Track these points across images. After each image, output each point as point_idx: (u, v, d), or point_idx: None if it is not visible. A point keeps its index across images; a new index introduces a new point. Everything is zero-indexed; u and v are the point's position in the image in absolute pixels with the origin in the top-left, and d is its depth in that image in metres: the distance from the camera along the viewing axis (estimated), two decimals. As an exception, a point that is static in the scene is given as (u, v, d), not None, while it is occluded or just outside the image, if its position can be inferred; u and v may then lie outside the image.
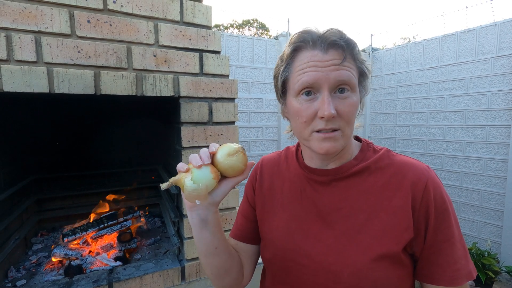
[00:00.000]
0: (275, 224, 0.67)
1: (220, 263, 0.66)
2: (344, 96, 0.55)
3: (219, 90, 1.34)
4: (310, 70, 0.54)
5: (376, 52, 3.94)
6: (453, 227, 0.55)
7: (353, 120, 0.56)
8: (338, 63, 0.53)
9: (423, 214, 0.55)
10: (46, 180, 1.82)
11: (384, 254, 0.54)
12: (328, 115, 0.52)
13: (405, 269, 0.57)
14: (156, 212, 2.09)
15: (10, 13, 1.00)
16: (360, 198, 0.59)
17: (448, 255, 0.54)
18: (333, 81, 0.53)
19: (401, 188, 0.57)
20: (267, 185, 0.73)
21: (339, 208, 0.60)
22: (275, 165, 0.74)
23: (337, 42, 0.53)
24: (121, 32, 1.17)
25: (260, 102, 3.35)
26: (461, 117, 2.98)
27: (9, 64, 1.00)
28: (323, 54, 0.54)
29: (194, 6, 1.31)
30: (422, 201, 0.55)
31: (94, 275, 1.23)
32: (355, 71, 0.56)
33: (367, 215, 0.57)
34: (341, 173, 0.62)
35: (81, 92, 1.08)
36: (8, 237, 1.39)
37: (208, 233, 0.61)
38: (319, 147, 0.56)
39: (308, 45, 0.55)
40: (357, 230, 0.57)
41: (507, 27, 2.63)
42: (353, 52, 0.55)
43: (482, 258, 2.49)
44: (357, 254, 0.55)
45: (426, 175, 0.56)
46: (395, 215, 0.56)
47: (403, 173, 0.58)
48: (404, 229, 0.55)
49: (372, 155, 0.62)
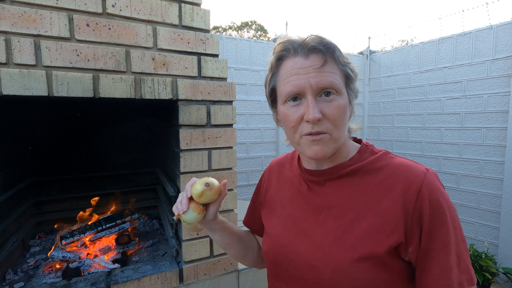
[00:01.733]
0: (274, 222, 0.71)
1: (235, 252, 0.78)
2: (329, 99, 0.56)
3: (217, 93, 1.35)
4: (293, 79, 0.56)
5: (373, 55, 3.97)
6: (450, 233, 0.52)
7: (340, 122, 0.57)
8: (318, 67, 0.54)
9: (417, 218, 0.53)
10: (45, 182, 1.82)
11: (366, 255, 0.54)
12: (313, 118, 0.53)
13: (391, 273, 0.54)
14: (154, 214, 2.09)
15: (10, 17, 1.01)
16: (352, 198, 0.59)
17: (445, 262, 0.52)
18: (315, 87, 0.54)
19: (393, 190, 0.56)
20: (274, 185, 0.77)
21: (331, 207, 0.61)
22: (281, 167, 0.78)
23: (316, 47, 0.55)
24: (120, 35, 1.17)
25: (259, 104, 3.36)
26: (458, 119, 3.00)
27: (8, 67, 1.01)
28: (304, 60, 0.55)
29: (193, 10, 1.33)
30: (416, 204, 0.53)
31: (92, 278, 1.23)
32: (339, 75, 0.57)
33: (355, 215, 0.58)
34: (335, 173, 0.63)
35: (80, 95, 1.09)
36: (6, 239, 1.39)
37: (217, 236, 0.74)
38: (308, 151, 0.57)
39: (290, 53, 0.57)
40: (343, 229, 0.58)
41: (503, 30, 2.65)
42: (334, 55, 0.56)
43: (480, 260, 2.50)
44: (340, 253, 0.56)
45: (421, 178, 0.54)
46: (382, 217, 0.55)
47: (397, 175, 0.57)
48: (390, 232, 0.53)
49: (369, 157, 0.62)
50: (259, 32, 13.07)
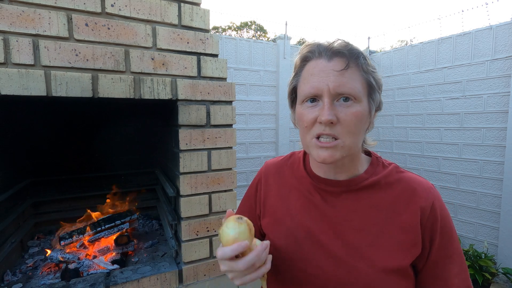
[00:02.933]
0: (283, 233, 0.66)
1: None
2: (347, 104, 0.55)
3: (216, 93, 1.35)
4: (312, 80, 0.56)
5: (373, 55, 3.97)
6: (457, 243, 0.59)
7: (355, 130, 0.55)
8: (338, 70, 0.54)
9: (429, 230, 0.57)
10: (43, 183, 1.81)
11: (395, 268, 0.56)
12: (325, 120, 0.53)
13: (410, 281, 0.59)
14: (154, 214, 2.09)
15: (8, 16, 1.00)
16: (371, 212, 0.60)
17: (451, 270, 0.58)
18: (332, 91, 0.54)
19: (410, 204, 0.58)
20: (275, 193, 0.72)
21: (348, 219, 0.60)
22: (280, 171, 0.74)
23: (340, 50, 0.55)
24: (119, 35, 1.17)
25: (258, 104, 3.35)
26: (458, 120, 3.00)
27: (6, 67, 1.00)
28: (326, 62, 0.56)
29: (192, 10, 1.32)
30: (428, 218, 0.57)
31: (91, 279, 1.22)
32: (360, 82, 0.56)
33: (378, 229, 0.58)
34: (352, 186, 0.62)
35: (78, 95, 1.08)
36: (4, 240, 1.38)
37: None
38: (317, 155, 0.57)
39: (315, 55, 0.58)
40: (368, 243, 0.58)
41: (502, 30, 2.66)
42: (358, 61, 0.56)
43: (479, 260, 2.51)
44: (369, 267, 0.56)
45: (433, 194, 0.59)
46: (405, 231, 0.57)
47: (412, 190, 0.59)
48: (413, 245, 0.57)
49: (382, 170, 0.63)
50: (259, 32, 13.08)
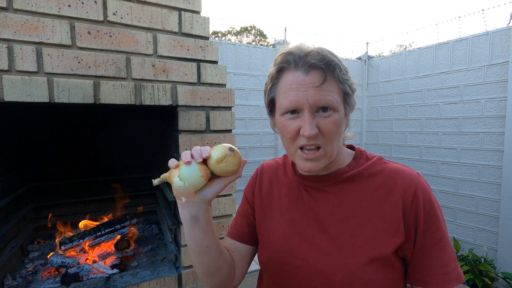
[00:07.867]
0: (272, 228, 0.70)
1: (210, 261, 0.64)
2: (326, 115, 0.57)
3: (216, 99, 1.37)
4: (291, 95, 0.57)
5: (371, 60, 4.00)
6: (443, 231, 0.58)
7: (335, 137, 0.58)
8: (317, 85, 0.55)
9: (413, 219, 0.57)
10: (43, 187, 1.83)
11: (375, 257, 0.57)
12: (308, 135, 0.55)
13: (396, 272, 0.59)
14: (153, 219, 2.09)
15: (12, 25, 1.02)
16: (353, 203, 0.62)
17: (438, 258, 0.57)
18: (313, 105, 0.56)
19: (392, 193, 0.59)
20: (265, 190, 0.76)
21: (332, 213, 0.63)
22: (273, 171, 0.78)
23: (316, 64, 0.55)
24: (120, 43, 1.19)
25: (258, 109, 3.38)
26: (456, 124, 3.02)
27: (10, 74, 1.02)
28: (304, 76, 0.56)
29: (192, 18, 1.35)
30: (411, 206, 0.57)
31: (91, 283, 1.23)
32: (337, 93, 0.58)
33: (359, 219, 0.60)
34: (333, 179, 0.64)
35: (80, 101, 1.10)
36: (5, 245, 1.39)
37: (199, 230, 0.60)
38: (302, 165, 0.60)
39: (291, 66, 0.58)
40: (349, 233, 0.60)
41: (499, 36, 2.69)
42: (334, 73, 0.57)
43: (479, 265, 2.51)
44: (349, 257, 0.58)
45: (415, 181, 0.59)
46: (386, 220, 0.58)
47: (394, 179, 0.60)
48: (394, 233, 0.57)
49: (365, 162, 0.65)
50: (258, 37, 13.18)
